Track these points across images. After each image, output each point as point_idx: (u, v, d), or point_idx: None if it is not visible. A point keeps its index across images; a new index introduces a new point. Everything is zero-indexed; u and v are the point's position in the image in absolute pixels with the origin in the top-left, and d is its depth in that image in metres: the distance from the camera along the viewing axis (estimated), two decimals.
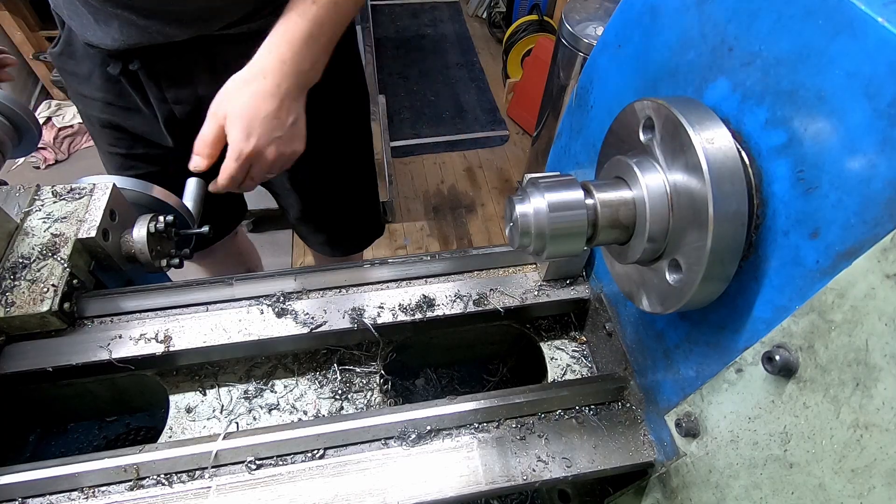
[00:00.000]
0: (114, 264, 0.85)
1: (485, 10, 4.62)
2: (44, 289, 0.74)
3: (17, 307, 0.72)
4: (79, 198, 0.84)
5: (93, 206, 0.83)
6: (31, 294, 0.73)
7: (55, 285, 0.74)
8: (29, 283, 0.74)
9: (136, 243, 0.85)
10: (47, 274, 0.75)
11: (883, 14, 0.37)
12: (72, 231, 0.80)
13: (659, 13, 0.60)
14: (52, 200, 0.84)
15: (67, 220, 0.81)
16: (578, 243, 0.56)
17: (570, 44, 2.46)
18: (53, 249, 0.77)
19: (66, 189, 0.85)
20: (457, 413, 0.71)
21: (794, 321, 0.45)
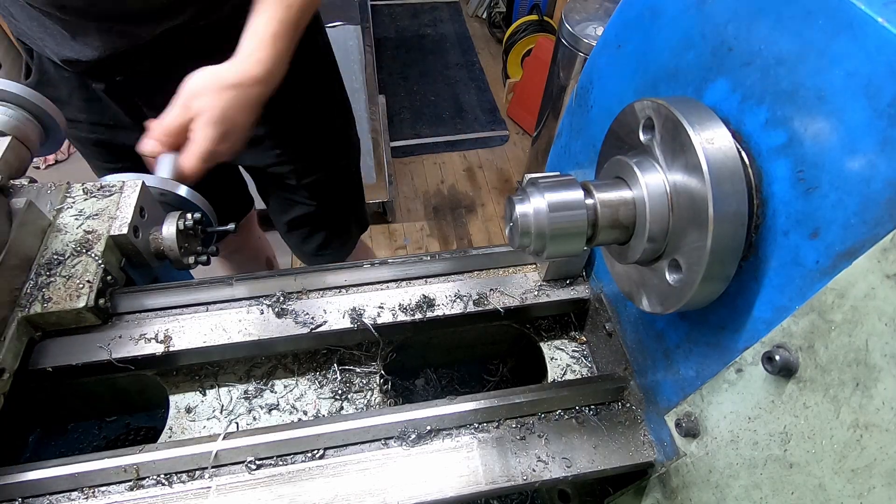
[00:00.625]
0: (143, 261, 0.86)
1: (485, 10, 4.62)
2: (79, 285, 0.74)
3: (53, 303, 0.72)
4: (109, 195, 0.85)
5: (123, 203, 0.84)
6: (66, 290, 0.73)
7: (90, 281, 0.75)
8: (64, 280, 0.74)
9: (166, 240, 0.86)
10: (82, 270, 0.75)
11: (883, 14, 0.37)
12: (104, 228, 0.80)
13: (659, 13, 0.60)
14: (83, 198, 0.85)
15: (99, 217, 0.81)
16: (578, 243, 0.56)
17: (570, 44, 2.46)
18: (87, 246, 0.78)
19: (97, 186, 0.86)
20: (457, 413, 0.71)
21: (794, 321, 0.45)
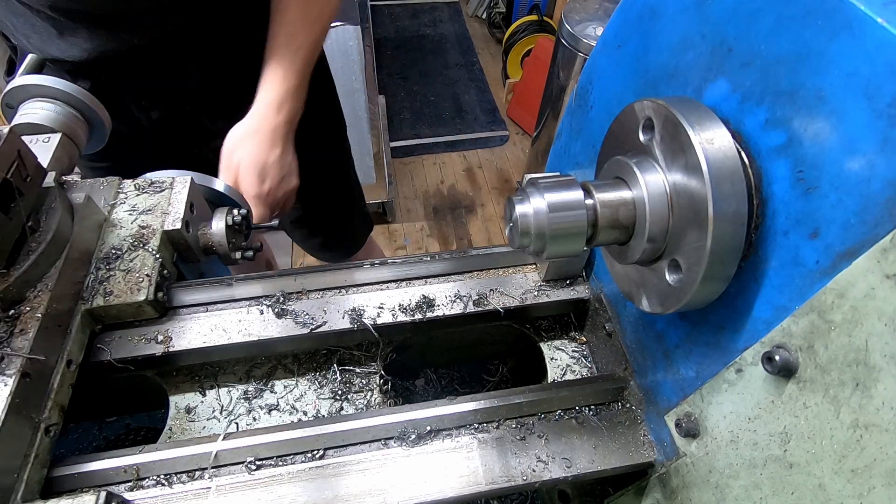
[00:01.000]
0: (192, 256, 0.87)
1: (485, 11, 4.62)
2: (139, 278, 0.75)
3: (115, 296, 0.74)
4: (160, 191, 0.86)
5: (174, 199, 0.85)
6: (126, 284, 0.75)
7: (149, 275, 0.76)
8: (124, 273, 0.76)
9: (215, 235, 0.87)
10: (140, 264, 0.77)
11: (883, 14, 0.37)
12: (158, 223, 0.81)
13: (658, 14, 0.60)
14: (135, 193, 0.86)
15: (152, 213, 0.83)
16: (578, 243, 0.56)
17: (569, 44, 2.46)
18: (143, 241, 0.79)
19: (148, 182, 0.88)
20: (457, 413, 0.71)
21: (794, 321, 0.45)
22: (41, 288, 0.66)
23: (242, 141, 1.03)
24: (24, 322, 0.64)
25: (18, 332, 0.63)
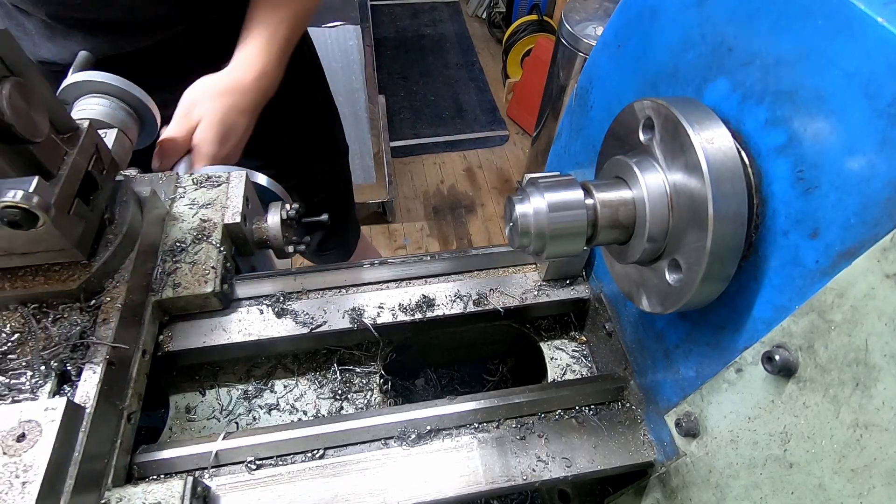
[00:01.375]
0: (248, 250, 0.88)
1: (485, 10, 4.62)
2: (205, 270, 0.76)
3: (183, 288, 0.75)
4: (217, 185, 0.88)
5: (232, 193, 0.87)
6: (193, 276, 0.76)
7: (214, 267, 0.77)
8: (190, 266, 0.77)
9: (271, 229, 0.89)
10: (204, 257, 0.78)
11: (883, 14, 0.37)
12: (218, 216, 0.83)
13: (659, 13, 0.60)
14: (193, 188, 0.87)
15: (212, 207, 0.84)
16: (578, 243, 0.56)
17: (570, 44, 2.46)
18: (205, 234, 0.81)
19: (204, 177, 0.89)
20: (457, 413, 0.71)
21: (794, 321, 0.45)
22: (118, 279, 0.68)
23: (211, 96, 0.97)
24: (105, 312, 0.65)
25: (101, 322, 0.64)
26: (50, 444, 0.50)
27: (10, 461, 0.49)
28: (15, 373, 0.59)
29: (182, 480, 0.58)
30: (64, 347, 0.61)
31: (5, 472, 0.49)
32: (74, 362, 0.61)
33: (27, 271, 0.64)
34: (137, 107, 0.94)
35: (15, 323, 0.63)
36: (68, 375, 0.60)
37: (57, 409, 0.53)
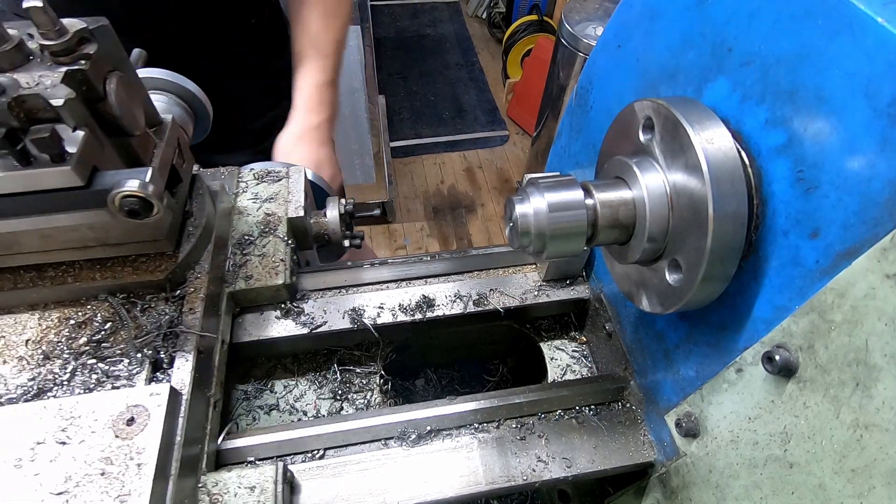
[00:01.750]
0: (307, 243, 0.89)
1: (485, 11, 4.62)
2: (274, 263, 0.77)
3: (255, 279, 0.76)
4: (278, 180, 0.89)
5: (293, 187, 0.88)
6: (263, 268, 0.77)
7: (283, 260, 0.78)
8: (259, 258, 0.78)
9: (330, 223, 0.90)
10: (272, 250, 0.79)
11: (883, 14, 0.37)
12: (282, 210, 0.84)
13: (659, 14, 0.60)
14: (255, 182, 0.88)
15: (275, 201, 0.85)
16: (578, 243, 0.55)
17: (569, 44, 2.46)
18: (271, 227, 0.82)
19: (265, 171, 0.90)
20: (457, 413, 0.71)
21: (794, 321, 0.45)
22: (199, 271, 0.69)
23: (294, 146, 1.07)
24: (190, 302, 0.66)
25: (188, 311, 0.65)
26: (159, 428, 0.52)
27: (123, 444, 0.51)
28: (112, 360, 0.61)
29: (274, 466, 0.60)
30: (155, 336, 0.63)
31: (120, 453, 0.50)
32: (166, 350, 0.62)
33: (115, 262, 0.66)
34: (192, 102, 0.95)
35: (105, 312, 0.65)
36: (160, 363, 0.62)
37: (161, 394, 0.54)
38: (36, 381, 0.59)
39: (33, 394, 0.58)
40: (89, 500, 0.48)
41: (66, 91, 0.51)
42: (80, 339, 0.62)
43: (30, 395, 0.58)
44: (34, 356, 0.61)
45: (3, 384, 0.58)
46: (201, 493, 0.58)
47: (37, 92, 0.50)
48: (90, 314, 0.64)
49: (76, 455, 0.50)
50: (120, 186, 0.51)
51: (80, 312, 0.64)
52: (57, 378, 0.59)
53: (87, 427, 0.52)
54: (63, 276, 0.64)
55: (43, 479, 0.49)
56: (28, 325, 0.63)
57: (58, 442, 0.51)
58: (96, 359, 0.61)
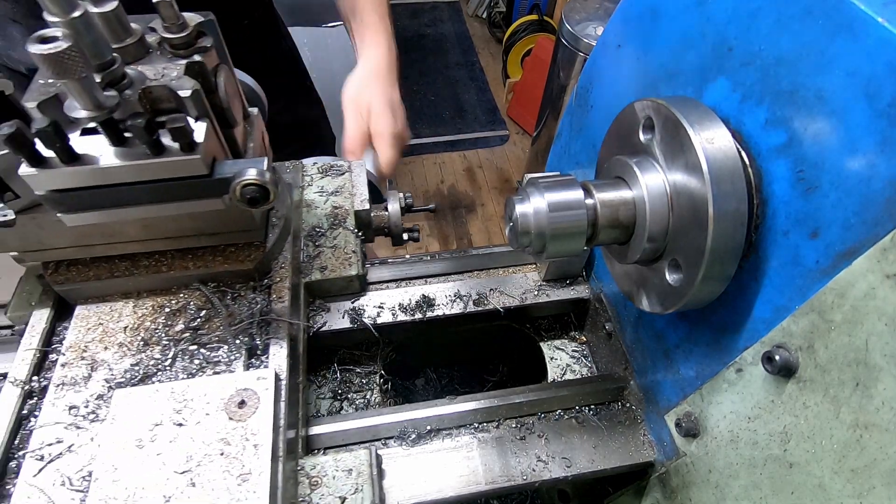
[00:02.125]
0: (368, 236, 0.90)
1: (485, 10, 4.62)
2: (346, 254, 0.79)
3: (329, 270, 0.77)
4: (341, 174, 0.90)
5: (356, 181, 0.89)
6: (336, 259, 0.78)
7: (354, 251, 0.79)
8: (332, 250, 0.79)
9: (392, 216, 0.90)
10: (343, 242, 0.80)
11: (883, 14, 0.37)
12: (348, 203, 0.85)
13: (659, 13, 0.60)
14: (319, 176, 0.89)
15: (340, 194, 0.86)
16: (578, 243, 0.55)
17: (570, 44, 2.46)
18: (340, 220, 0.83)
19: (328, 166, 0.91)
20: (457, 413, 0.71)
21: (794, 321, 0.45)
22: (282, 262, 0.71)
23: (367, 83, 1.04)
24: (277, 291, 0.68)
25: (276, 300, 0.67)
26: (270, 410, 0.54)
27: (237, 425, 0.53)
28: (211, 346, 0.62)
29: (367, 450, 0.62)
30: (249, 323, 0.64)
31: (236, 434, 0.52)
32: (260, 338, 0.64)
33: (206, 251, 0.67)
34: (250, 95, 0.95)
35: (198, 301, 0.66)
36: (254, 350, 0.63)
37: (268, 378, 0.56)
38: (139, 367, 0.60)
39: (139, 379, 0.60)
40: (212, 479, 0.50)
41: (192, 83, 0.53)
42: (177, 326, 0.64)
43: (136, 380, 0.60)
44: (134, 342, 0.62)
45: (107, 369, 0.60)
46: (300, 475, 0.60)
47: (164, 83, 0.51)
48: (183, 302, 0.66)
49: (194, 436, 0.52)
50: (242, 175, 0.52)
51: (174, 300, 0.66)
52: (159, 363, 0.61)
53: (200, 410, 0.54)
54: (157, 265, 0.66)
55: (165, 458, 0.51)
56: (123, 312, 0.65)
57: (175, 424, 0.53)
58: (197, 345, 0.62)
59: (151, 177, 0.52)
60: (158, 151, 0.51)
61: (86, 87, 0.46)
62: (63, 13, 0.45)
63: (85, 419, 0.57)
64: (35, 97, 0.49)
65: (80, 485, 0.52)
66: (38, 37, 0.42)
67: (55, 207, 0.53)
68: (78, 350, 0.61)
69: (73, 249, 0.63)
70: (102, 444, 0.51)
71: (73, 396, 0.58)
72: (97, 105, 0.47)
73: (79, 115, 0.48)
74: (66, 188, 0.51)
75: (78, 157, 0.50)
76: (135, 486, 0.49)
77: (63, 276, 0.64)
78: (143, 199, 0.54)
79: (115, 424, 0.52)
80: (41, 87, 0.51)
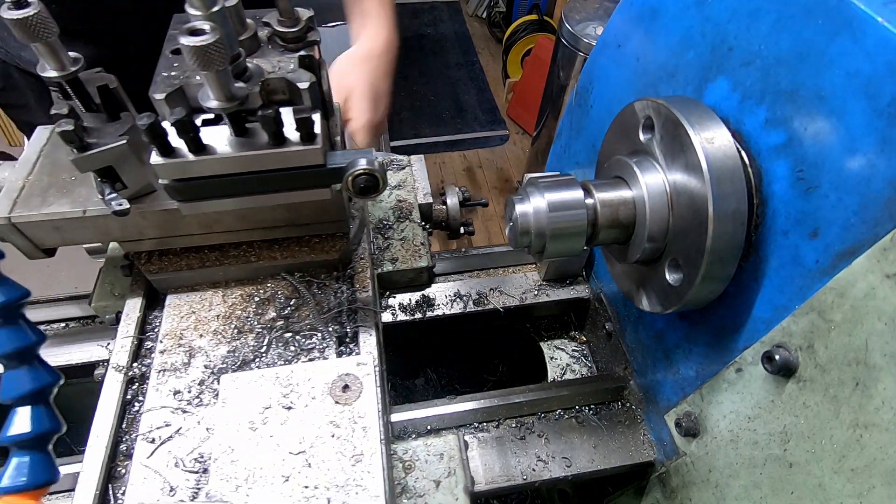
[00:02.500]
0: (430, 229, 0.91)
1: (485, 10, 4.62)
2: (415, 246, 0.81)
3: (400, 262, 0.79)
4: (402, 168, 0.91)
5: (417, 175, 0.90)
6: (406, 251, 0.80)
7: (423, 244, 0.81)
8: (400, 242, 0.81)
9: (451, 210, 0.91)
10: (411, 234, 0.82)
11: (883, 14, 0.37)
12: (412, 197, 0.86)
13: (659, 13, 0.60)
14: None
15: (403, 188, 0.88)
16: (578, 243, 0.55)
17: (570, 44, 2.46)
18: (405, 213, 0.84)
19: (389, 160, 0.92)
20: (457, 413, 0.71)
21: (794, 321, 0.45)
22: (361, 253, 0.72)
23: (353, 66, 1.01)
24: (360, 281, 0.69)
25: (360, 289, 0.68)
26: (374, 394, 0.55)
27: (344, 408, 0.54)
28: (304, 334, 0.64)
29: (455, 435, 0.64)
30: (337, 312, 0.66)
31: (344, 417, 0.54)
32: (349, 325, 0.65)
33: (292, 242, 0.68)
34: None
35: (286, 290, 0.67)
36: (344, 338, 0.64)
37: (368, 364, 0.57)
38: (237, 354, 0.62)
39: (237, 365, 0.61)
40: (326, 459, 0.51)
41: (308, 75, 0.54)
42: (268, 314, 0.65)
43: (235, 366, 0.61)
44: (227, 330, 0.64)
45: (205, 355, 0.62)
46: (394, 459, 0.61)
47: (282, 76, 0.53)
48: (271, 291, 0.67)
49: (303, 419, 0.54)
50: (355, 165, 0.53)
51: (261, 290, 0.67)
52: (255, 350, 0.62)
53: (306, 394, 0.55)
54: (245, 255, 0.67)
55: (279, 440, 0.52)
56: (213, 301, 0.67)
57: (284, 407, 0.54)
58: (291, 333, 0.64)
59: (272, 166, 0.53)
60: (280, 142, 0.52)
61: (222, 78, 0.47)
62: (205, 7, 0.46)
63: (190, 403, 0.59)
64: (161, 89, 0.51)
65: (193, 466, 0.54)
66: (189, 29, 0.43)
67: (176, 196, 0.54)
68: (174, 337, 0.63)
69: (168, 239, 0.64)
70: (217, 427, 0.53)
71: (176, 382, 0.60)
72: (230, 97, 0.49)
73: (212, 105, 0.49)
74: (191, 177, 0.52)
75: (204, 147, 0.51)
76: (253, 467, 0.50)
77: (156, 266, 0.66)
78: (257, 188, 0.55)
79: (226, 408, 0.54)
80: (165, 80, 0.52)
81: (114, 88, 0.56)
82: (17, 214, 0.57)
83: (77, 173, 0.61)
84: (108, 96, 0.55)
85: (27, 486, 0.43)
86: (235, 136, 0.52)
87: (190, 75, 0.52)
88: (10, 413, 0.44)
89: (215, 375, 0.60)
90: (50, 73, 0.51)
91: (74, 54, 0.53)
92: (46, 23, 0.47)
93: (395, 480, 0.59)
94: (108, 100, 0.56)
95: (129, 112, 0.57)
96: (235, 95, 0.49)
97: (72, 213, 0.58)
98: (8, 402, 0.44)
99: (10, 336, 0.44)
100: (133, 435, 0.58)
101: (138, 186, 0.58)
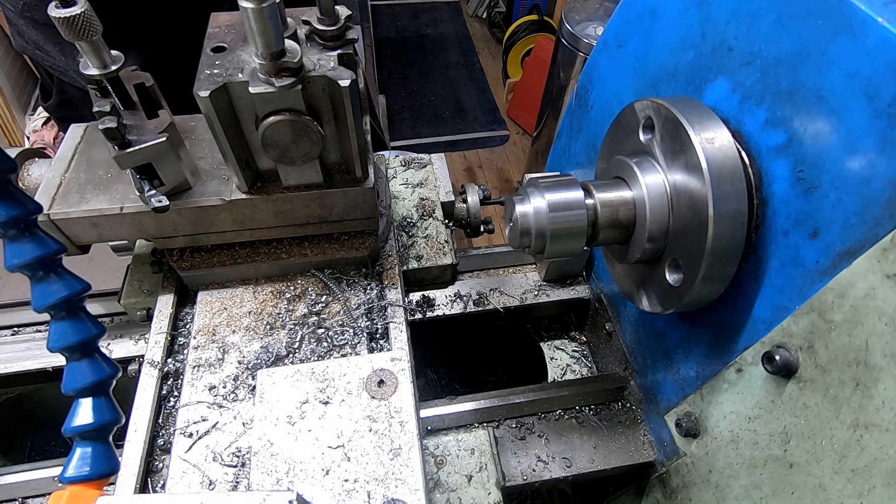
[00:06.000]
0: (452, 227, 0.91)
1: (485, 10, 4.62)
2: (440, 244, 0.81)
3: (426, 259, 0.79)
4: (423, 166, 0.91)
5: (438, 173, 0.90)
6: (430, 249, 0.80)
7: (447, 241, 0.81)
8: (425, 240, 0.81)
9: (472, 209, 0.91)
10: (435, 232, 0.82)
11: (883, 14, 0.37)
12: (434, 195, 0.87)
13: (659, 13, 0.60)
14: (403, 168, 0.91)
15: (425, 186, 0.88)
16: (578, 243, 0.55)
17: (570, 44, 2.46)
18: (428, 211, 0.84)
19: (410, 158, 0.92)
20: (457, 413, 0.71)
21: (794, 321, 0.45)
22: (388, 250, 0.73)
23: None
24: (389, 278, 0.70)
25: (389, 286, 0.69)
26: (409, 389, 0.55)
27: (381, 403, 0.55)
28: (335, 330, 0.65)
29: (486, 431, 0.65)
30: (367, 309, 0.66)
31: (381, 411, 0.54)
32: (379, 321, 0.66)
33: (322, 239, 0.69)
34: None
35: (316, 287, 0.68)
36: (374, 333, 0.65)
37: (402, 360, 0.57)
38: (270, 350, 0.62)
39: (271, 361, 0.62)
40: (365, 453, 0.51)
41: (349, 73, 0.55)
42: (298, 311, 0.66)
43: (268, 362, 0.62)
44: (259, 326, 0.65)
45: (238, 351, 0.62)
46: (425, 454, 0.62)
47: (323, 73, 0.54)
48: (301, 288, 0.68)
49: (341, 413, 0.54)
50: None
51: (292, 286, 0.68)
52: (288, 346, 0.63)
53: (342, 389, 0.55)
54: (275, 252, 0.68)
55: (317, 434, 0.53)
56: (244, 298, 0.67)
57: (321, 402, 0.55)
58: (323, 329, 0.64)
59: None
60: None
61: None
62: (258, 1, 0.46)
63: (226, 399, 0.59)
64: (206, 87, 0.52)
65: (231, 460, 0.55)
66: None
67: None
68: (207, 333, 0.64)
69: (201, 236, 0.65)
70: (255, 421, 0.53)
71: (210, 377, 0.61)
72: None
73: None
74: None
75: None
76: (293, 460, 0.51)
77: (188, 263, 0.66)
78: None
79: (263, 402, 0.54)
80: (209, 77, 0.53)
81: (150, 86, 0.57)
82: (56, 211, 0.58)
83: (113, 170, 0.62)
84: (144, 94, 0.56)
85: (91, 476, 0.43)
86: None
87: (233, 73, 0.53)
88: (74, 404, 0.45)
89: (249, 371, 0.61)
90: (92, 70, 0.52)
91: (116, 53, 0.54)
92: (92, 21, 0.48)
93: (427, 475, 0.59)
94: (145, 98, 0.57)
95: (165, 109, 0.58)
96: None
97: (110, 210, 0.59)
98: (70, 393, 0.45)
99: (73, 329, 0.44)
100: (170, 429, 0.59)
101: (175, 183, 0.59)
